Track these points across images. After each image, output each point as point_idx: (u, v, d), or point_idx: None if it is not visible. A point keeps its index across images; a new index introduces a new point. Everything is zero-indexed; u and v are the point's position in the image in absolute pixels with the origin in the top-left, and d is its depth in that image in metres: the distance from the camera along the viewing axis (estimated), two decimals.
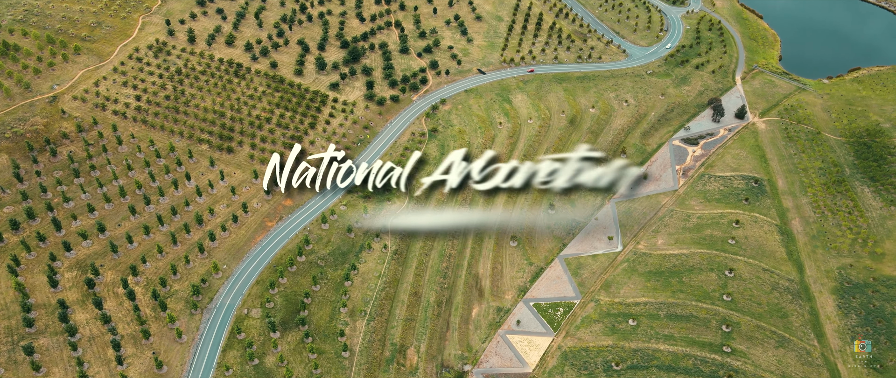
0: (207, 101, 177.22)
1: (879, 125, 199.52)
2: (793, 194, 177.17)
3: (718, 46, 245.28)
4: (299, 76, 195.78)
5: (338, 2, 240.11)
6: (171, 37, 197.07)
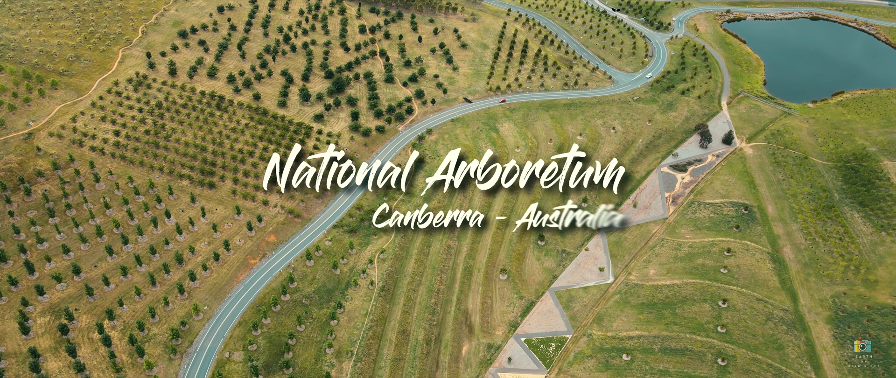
0: (188, 135, 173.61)
1: (866, 149, 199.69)
2: (783, 221, 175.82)
3: (703, 72, 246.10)
4: (283, 108, 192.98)
5: (322, 31, 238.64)
6: (152, 70, 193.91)
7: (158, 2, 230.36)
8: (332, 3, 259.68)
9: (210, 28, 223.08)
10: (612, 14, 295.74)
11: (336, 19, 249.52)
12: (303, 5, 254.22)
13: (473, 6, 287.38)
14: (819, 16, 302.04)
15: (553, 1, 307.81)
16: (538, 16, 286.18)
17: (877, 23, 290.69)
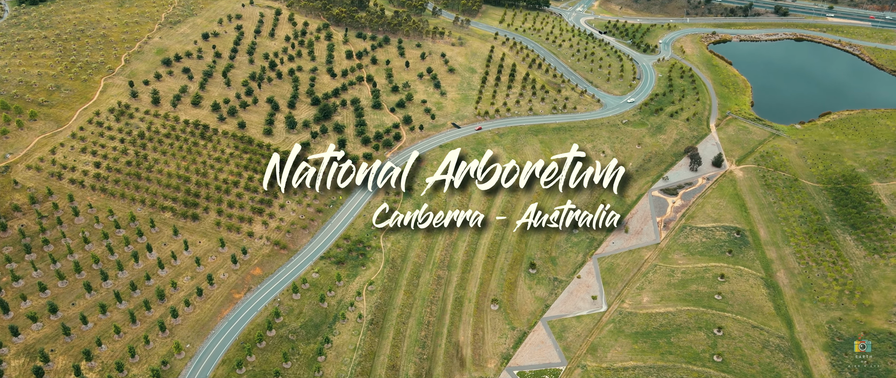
0: (172, 165, 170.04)
1: (855, 170, 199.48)
2: (776, 244, 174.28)
3: (691, 94, 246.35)
4: (268, 136, 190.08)
5: (308, 58, 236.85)
6: (135, 99, 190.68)
7: (142, 29, 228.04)
8: (319, 29, 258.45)
9: (195, 55, 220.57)
10: (599, 37, 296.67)
11: (322, 45, 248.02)
12: (289, 31, 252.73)
13: (461, 30, 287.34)
14: (803, 37, 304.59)
15: (540, 24, 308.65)
16: (525, 39, 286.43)
17: (860, 43, 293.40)
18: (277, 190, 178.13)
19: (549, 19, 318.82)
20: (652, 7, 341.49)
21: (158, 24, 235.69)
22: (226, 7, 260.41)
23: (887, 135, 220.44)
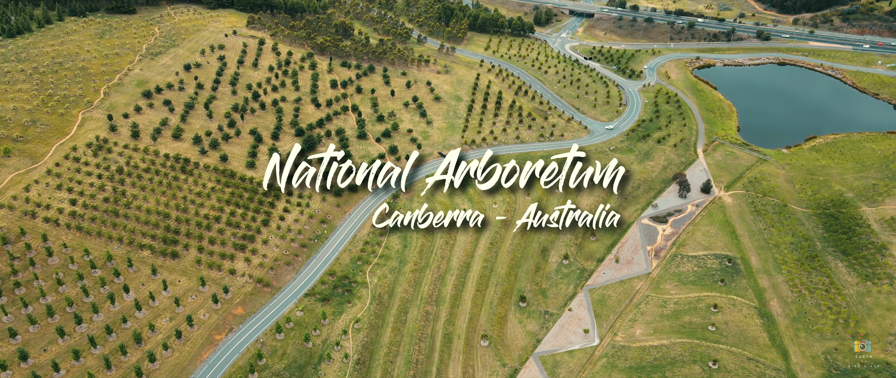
0: (151, 201, 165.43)
1: (843, 195, 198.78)
2: (768, 272, 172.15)
3: (678, 119, 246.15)
4: (251, 169, 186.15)
5: (292, 88, 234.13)
6: (113, 133, 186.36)
7: (122, 61, 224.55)
8: (303, 59, 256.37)
9: (176, 87, 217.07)
10: (584, 63, 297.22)
11: (307, 75, 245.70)
12: (273, 61, 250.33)
13: (446, 58, 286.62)
14: (786, 61, 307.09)
15: (526, 51, 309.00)
16: (511, 66, 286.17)
17: (842, 67, 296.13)
18: (277, 190, 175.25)
19: (535, 46, 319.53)
20: (636, 33, 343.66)
21: (139, 55, 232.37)
22: (208, 37, 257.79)
23: (873, 158, 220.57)
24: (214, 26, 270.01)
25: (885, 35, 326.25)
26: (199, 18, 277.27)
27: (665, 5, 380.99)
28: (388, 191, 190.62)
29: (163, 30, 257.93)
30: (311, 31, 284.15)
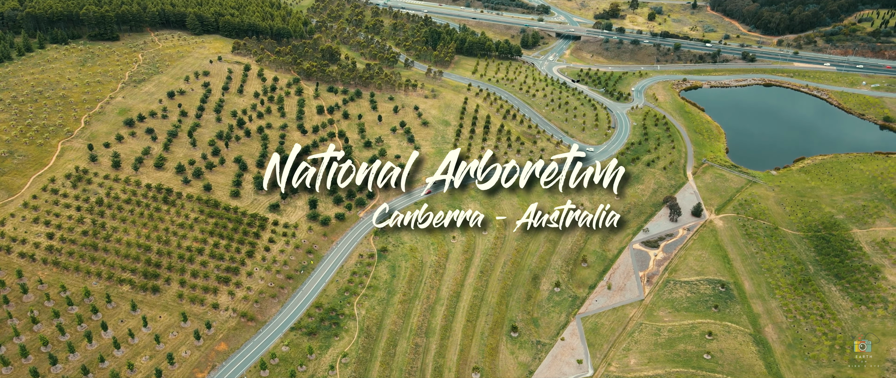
0: (131, 233, 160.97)
1: (834, 217, 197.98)
2: (761, 297, 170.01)
3: (666, 142, 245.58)
4: (236, 198, 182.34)
5: (278, 114, 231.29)
6: (94, 163, 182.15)
7: (104, 89, 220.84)
8: (289, 84, 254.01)
9: (159, 115, 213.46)
10: (572, 86, 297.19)
11: (293, 100, 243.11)
12: (258, 87, 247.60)
13: (433, 82, 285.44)
14: (771, 82, 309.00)
15: (513, 74, 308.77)
16: (499, 90, 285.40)
17: (827, 87, 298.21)
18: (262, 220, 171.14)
19: (522, 69, 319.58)
20: (622, 55, 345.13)
21: (122, 82, 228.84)
22: (193, 64, 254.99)
23: (862, 179, 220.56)
24: (199, 53, 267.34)
25: (868, 55, 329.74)
26: (184, 45, 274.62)
27: (651, 28, 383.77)
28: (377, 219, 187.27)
29: (146, 57, 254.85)
30: (297, 56, 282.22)
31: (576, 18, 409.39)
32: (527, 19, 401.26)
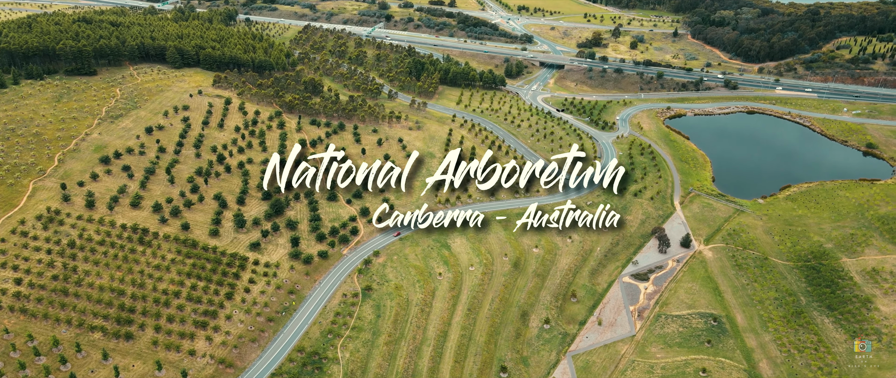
0: (104, 277, 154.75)
1: (822, 246, 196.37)
2: (754, 331, 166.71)
3: (653, 171, 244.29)
4: (215, 237, 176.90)
5: (259, 148, 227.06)
6: (66, 203, 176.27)
7: (80, 126, 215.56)
8: (271, 118, 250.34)
9: (136, 151, 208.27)
10: (557, 115, 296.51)
11: (275, 134, 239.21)
12: (239, 121, 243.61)
13: (418, 113, 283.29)
14: (754, 110, 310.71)
15: (498, 104, 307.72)
16: (484, 120, 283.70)
17: (809, 114, 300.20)
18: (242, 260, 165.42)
19: (507, 99, 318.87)
20: (606, 83, 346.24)
21: (98, 118, 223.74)
22: (173, 98, 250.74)
23: (848, 207, 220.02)
24: (179, 86, 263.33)
25: (848, 82, 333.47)
26: (164, 79, 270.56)
27: (633, 56, 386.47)
28: (359, 255, 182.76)
29: (124, 91, 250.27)
30: (279, 88, 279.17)
31: (559, 47, 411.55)
32: (510, 49, 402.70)
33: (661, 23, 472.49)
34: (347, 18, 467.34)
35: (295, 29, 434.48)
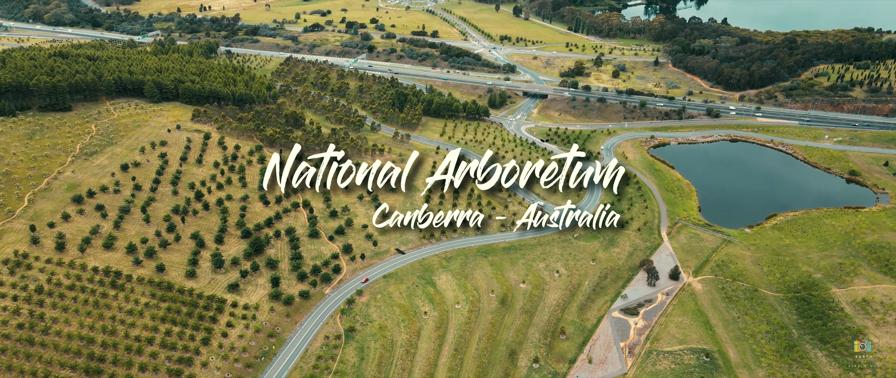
0: (73, 324, 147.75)
1: (811, 276, 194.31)
2: (747, 367, 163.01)
3: (639, 201, 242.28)
4: (192, 279, 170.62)
5: (239, 184, 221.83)
6: (35, 246, 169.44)
7: (53, 163, 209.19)
8: (251, 152, 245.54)
9: (111, 189, 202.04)
10: (541, 145, 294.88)
11: (255, 169, 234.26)
12: (219, 156, 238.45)
13: (401, 145, 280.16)
14: (737, 138, 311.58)
15: (482, 135, 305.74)
16: (468, 152, 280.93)
17: (791, 142, 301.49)
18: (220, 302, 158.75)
19: (491, 129, 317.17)
20: (589, 112, 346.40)
21: (72, 156, 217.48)
22: (150, 133, 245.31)
23: (835, 235, 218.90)
24: (157, 121, 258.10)
25: (828, 109, 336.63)
26: (141, 113, 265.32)
27: (616, 85, 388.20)
28: (342, 295, 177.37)
29: (100, 127, 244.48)
30: (260, 122, 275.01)
31: (542, 77, 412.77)
32: (494, 78, 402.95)
33: (642, 51, 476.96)
34: (330, 50, 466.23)
35: (277, 61, 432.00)
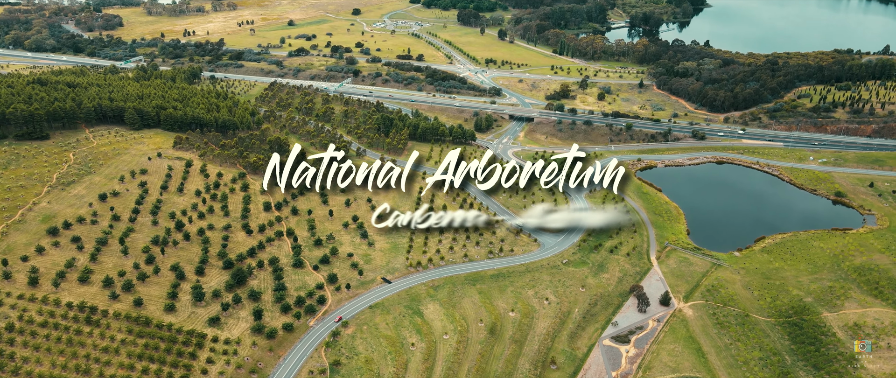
0: (45, 364, 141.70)
1: (802, 300, 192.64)
2: None
3: (628, 226, 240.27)
4: (171, 313, 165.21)
5: (221, 213, 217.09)
6: (7, 281, 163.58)
7: (28, 194, 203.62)
8: (234, 180, 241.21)
9: (88, 220, 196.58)
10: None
11: (238, 197, 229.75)
12: (200, 184, 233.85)
13: None
14: (723, 160, 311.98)
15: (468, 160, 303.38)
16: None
17: (777, 164, 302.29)
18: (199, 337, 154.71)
19: (477, 153, 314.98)
20: (576, 135, 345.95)
21: (48, 186, 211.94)
22: (130, 162, 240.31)
23: (824, 258, 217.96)
24: (137, 149, 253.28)
25: (811, 130, 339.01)
26: (121, 141, 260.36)
27: (601, 107, 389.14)
28: (327, 327, 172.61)
29: (79, 156, 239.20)
30: (243, 149, 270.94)
31: (527, 100, 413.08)
32: (479, 102, 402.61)
33: (627, 74, 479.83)
34: (315, 74, 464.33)
35: (261, 86, 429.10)
